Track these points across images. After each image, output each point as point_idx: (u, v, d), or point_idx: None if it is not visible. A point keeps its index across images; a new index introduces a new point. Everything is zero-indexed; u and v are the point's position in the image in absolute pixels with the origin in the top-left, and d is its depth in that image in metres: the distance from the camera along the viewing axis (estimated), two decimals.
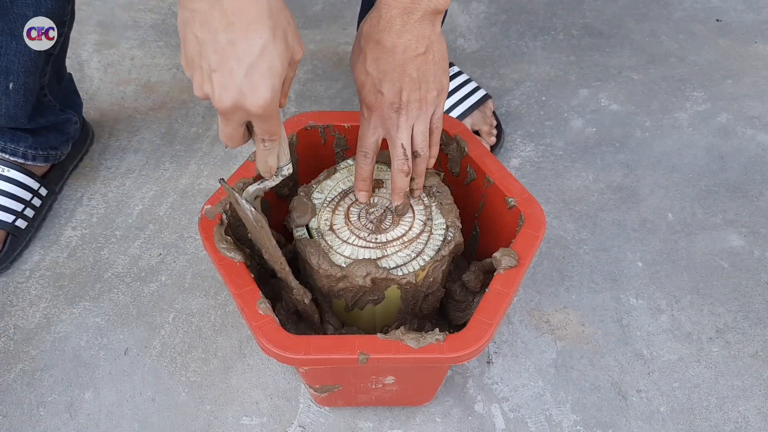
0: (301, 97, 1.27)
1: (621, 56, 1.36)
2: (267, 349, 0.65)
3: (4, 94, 0.88)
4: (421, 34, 0.66)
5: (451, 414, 0.85)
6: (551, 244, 1.03)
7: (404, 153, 0.70)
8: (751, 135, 1.20)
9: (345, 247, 0.72)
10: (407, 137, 0.70)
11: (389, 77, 0.67)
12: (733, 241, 1.04)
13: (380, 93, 0.68)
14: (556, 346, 0.92)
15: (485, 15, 1.45)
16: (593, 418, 0.85)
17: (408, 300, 0.74)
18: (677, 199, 1.10)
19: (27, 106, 0.92)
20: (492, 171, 0.79)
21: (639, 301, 0.96)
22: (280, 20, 0.54)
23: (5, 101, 0.89)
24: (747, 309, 0.96)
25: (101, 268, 1.00)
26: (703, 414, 0.85)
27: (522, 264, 0.70)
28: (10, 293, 0.97)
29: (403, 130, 0.70)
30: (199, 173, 1.13)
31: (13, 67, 0.86)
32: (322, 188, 0.78)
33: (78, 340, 0.92)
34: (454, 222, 0.74)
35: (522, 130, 1.20)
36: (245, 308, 0.67)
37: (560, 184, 1.12)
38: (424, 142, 0.71)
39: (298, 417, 0.85)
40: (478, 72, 1.31)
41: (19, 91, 0.89)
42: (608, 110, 1.25)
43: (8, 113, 0.92)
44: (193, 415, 0.85)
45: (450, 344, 0.64)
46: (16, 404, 0.86)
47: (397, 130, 0.70)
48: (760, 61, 1.35)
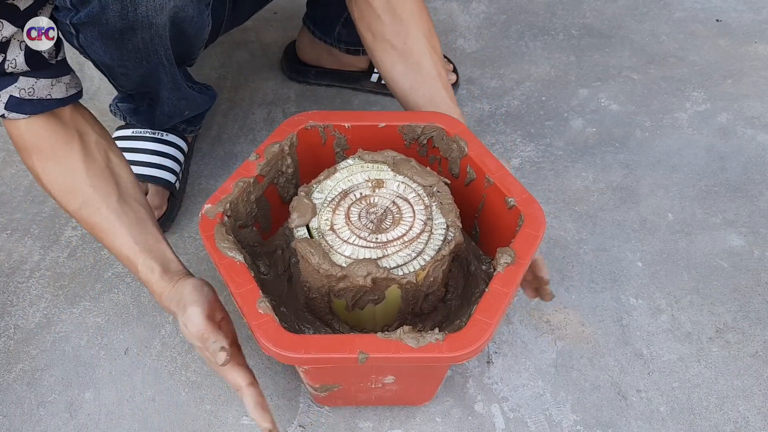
0: (301, 97, 1.27)
1: (621, 56, 1.36)
2: (267, 348, 0.65)
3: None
4: None
5: (451, 414, 0.85)
6: (551, 244, 1.03)
7: None
8: (751, 135, 1.20)
9: (345, 247, 0.72)
10: None
11: None
12: (733, 241, 1.04)
13: None
14: (556, 346, 0.92)
15: (485, 15, 1.45)
16: (593, 418, 0.85)
17: (408, 300, 0.74)
18: (677, 199, 1.10)
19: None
20: (492, 171, 0.79)
21: (639, 301, 0.96)
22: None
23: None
24: (747, 309, 0.96)
25: (101, 268, 1.00)
26: (703, 414, 0.85)
27: (522, 264, 0.70)
28: (10, 293, 0.97)
29: None
30: (199, 173, 1.13)
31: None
32: (322, 188, 0.78)
33: (78, 339, 0.92)
34: (455, 222, 0.74)
35: (522, 130, 1.20)
36: (245, 307, 0.67)
37: (560, 184, 1.12)
38: None
39: (298, 417, 0.85)
40: (478, 72, 1.31)
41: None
42: (608, 110, 1.25)
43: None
44: (193, 415, 0.85)
45: (450, 344, 0.64)
46: (16, 404, 0.86)
47: None
48: (760, 61, 1.35)
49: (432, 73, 0.88)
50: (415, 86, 0.88)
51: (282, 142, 0.81)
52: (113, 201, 0.78)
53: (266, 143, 0.81)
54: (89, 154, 0.79)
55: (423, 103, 0.88)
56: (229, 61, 1.33)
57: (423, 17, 0.89)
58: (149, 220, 0.80)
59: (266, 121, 1.22)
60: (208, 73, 1.30)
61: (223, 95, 1.25)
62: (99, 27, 0.75)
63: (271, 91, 1.28)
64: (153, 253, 0.77)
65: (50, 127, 0.78)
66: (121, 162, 0.83)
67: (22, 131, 0.78)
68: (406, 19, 0.88)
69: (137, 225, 0.78)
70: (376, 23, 0.89)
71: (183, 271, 0.77)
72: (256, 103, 1.25)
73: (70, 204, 0.79)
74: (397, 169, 0.78)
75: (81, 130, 0.80)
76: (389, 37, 0.89)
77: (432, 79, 0.88)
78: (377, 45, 0.90)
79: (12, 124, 0.78)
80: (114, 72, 0.85)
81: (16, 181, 1.11)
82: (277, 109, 1.24)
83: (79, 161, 0.78)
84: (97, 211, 0.78)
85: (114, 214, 0.78)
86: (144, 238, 0.78)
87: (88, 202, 0.78)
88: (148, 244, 0.78)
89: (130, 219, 0.78)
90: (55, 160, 0.78)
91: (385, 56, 0.90)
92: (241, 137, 1.19)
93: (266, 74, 1.31)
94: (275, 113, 1.23)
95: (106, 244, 0.80)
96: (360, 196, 0.77)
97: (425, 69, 0.88)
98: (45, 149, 0.78)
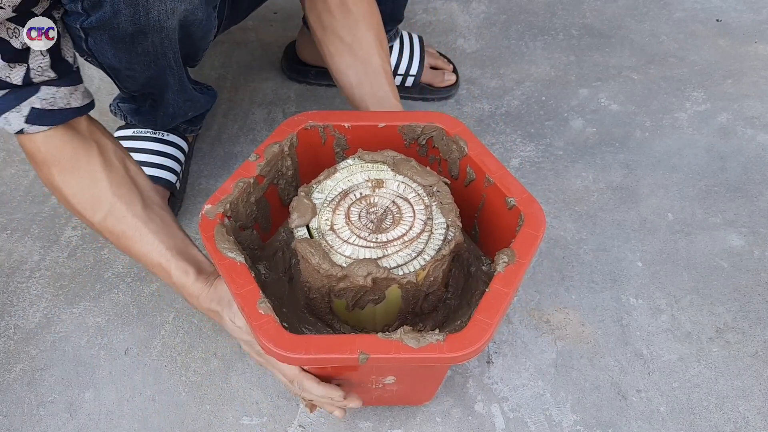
0: (301, 97, 1.27)
1: (621, 56, 1.36)
2: (267, 348, 0.65)
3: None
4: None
5: (451, 414, 0.85)
6: (551, 244, 1.03)
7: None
8: (751, 135, 1.20)
9: (346, 247, 0.72)
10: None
11: None
12: (733, 241, 1.04)
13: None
14: (556, 346, 0.92)
15: (485, 15, 1.45)
16: (593, 418, 0.85)
17: (409, 300, 0.74)
18: (677, 199, 1.10)
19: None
20: (492, 170, 0.78)
21: (639, 301, 0.96)
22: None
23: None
24: (747, 309, 0.96)
25: (101, 268, 1.00)
26: (703, 414, 0.85)
27: (522, 264, 0.70)
28: (10, 293, 0.97)
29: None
30: (199, 173, 1.13)
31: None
32: (322, 188, 0.78)
33: (78, 340, 0.92)
34: (455, 221, 0.74)
35: (522, 130, 1.20)
36: (246, 307, 0.67)
37: (560, 184, 1.12)
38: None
39: (298, 417, 0.85)
40: (478, 72, 1.31)
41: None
42: (608, 110, 1.25)
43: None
44: (193, 415, 0.85)
45: (450, 344, 0.64)
46: (16, 404, 0.86)
47: None
48: (760, 61, 1.35)
49: (378, 69, 0.90)
50: (360, 80, 0.91)
51: (282, 142, 0.81)
52: (138, 208, 0.78)
53: (266, 143, 0.80)
54: (109, 163, 0.79)
55: (368, 97, 0.90)
56: (229, 61, 1.33)
57: (373, 12, 0.92)
58: (174, 224, 0.81)
59: (266, 121, 1.22)
60: (208, 73, 1.30)
61: (223, 95, 1.25)
62: (110, 31, 0.75)
63: (271, 91, 1.28)
64: (184, 256, 0.78)
65: (68, 139, 0.77)
66: (138, 170, 0.83)
67: (40, 145, 0.77)
68: (356, 13, 0.91)
69: (164, 230, 0.79)
70: (326, 16, 0.91)
71: (215, 271, 0.78)
72: (256, 103, 1.25)
73: (94, 215, 0.79)
74: (397, 169, 0.78)
75: (98, 140, 0.80)
76: (339, 30, 0.91)
77: (378, 75, 0.90)
78: (327, 38, 0.92)
79: (28, 139, 0.76)
80: (120, 75, 0.86)
81: (16, 181, 1.11)
82: (277, 109, 1.24)
83: (100, 171, 0.78)
84: (123, 220, 0.78)
85: (140, 221, 0.78)
86: (173, 242, 0.78)
87: (113, 211, 0.78)
88: (178, 248, 0.78)
89: (157, 225, 0.79)
90: (75, 171, 0.78)
91: (333, 49, 0.92)
92: (241, 137, 1.19)
93: (266, 74, 1.31)
94: (275, 113, 1.23)
95: (135, 251, 0.79)
96: (360, 196, 0.77)
97: (372, 64, 0.90)
98: (64, 161, 0.78)
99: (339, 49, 0.92)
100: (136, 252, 0.79)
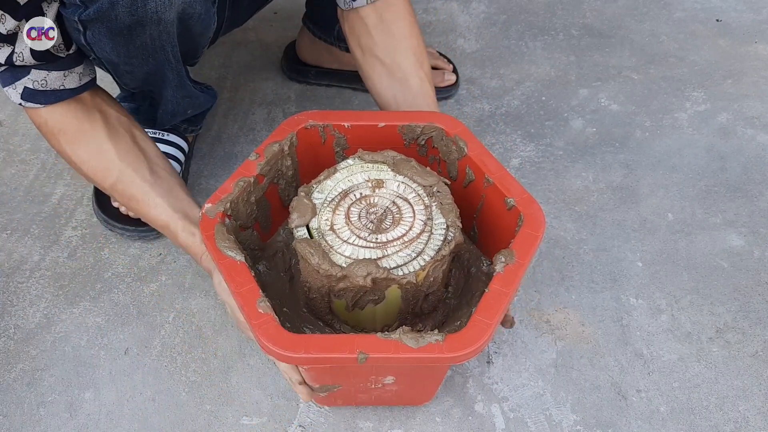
0: (301, 96, 1.27)
1: (621, 56, 1.36)
2: (267, 348, 0.65)
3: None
4: None
5: (451, 414, 0.85)
6: (551, 244, 1.03)
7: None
8: (751, 135, 1.20)
9: (345, 247, 0.72)
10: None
11: None
12: (733, 241, 1.04)
13: None
14: (556, 346, 0.92)
15: (485, 15, 1.45)
16: (593, 418, 0.85)
17: (408, 300, 0.74)
18: (677, 199, 1.10)
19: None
20: (491, 171, 0.78)
21: (639, 301, 0.96)
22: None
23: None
24: (747, 309, 0.96)
25: (101, 268, 1.00)
26: (703, 414, 0.85)
27: (521, 264, 0.70)
28: (10, 293, 0.97)
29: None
30: (199, 173, 1.13)
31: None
32: (322, 188, 0.78)
33: (78, 340, 0.92)
34: (455, 222, 0.74)
35: (522, 130, 1.20)
36: (245, 307, 0.67)
37: (560, 184, 1.12)
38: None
39: (298, 417, 0.85)
40: (478, 72, 1.31)
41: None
42: (608, 110, 1.25)
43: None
44: (193, 415, 0.85)
45: (449, 344, 0.64)
46: (16, 404, 0.86)
47: None
48: (760, 61, 1.35)
49: (417, 91, 0.89)
50: (399, 103, 0.90)
51: (282, 142, 0.81)
52: (146, 173, 0.83)
53: (266, 143, 0.81)
54: (114, 131, 0.84)
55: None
56: (229, 61, 1.33)
57: (414, 34, 0.91)
58: (181, 188, 0.86)
59: (266, 121, 1.22)
60: (208, 73, 1.30)
61: (223, 95, 1.25)
62: (107, 23, 0.75)
63: (271, 91, 1.28)
64: (190, 218, 0.82)
65: (72, 110, 0.81)
66: (144, 137, 0.87)
67: (46, 117, 0.81)
68: (396, 34, 0.90)
69: (171, 193, 0.84)
70: (366, 39, 0.91)
71: None
72: (256, 103, 1.25)
73: (105, 181, 0.84)
74: (397, 169, 0.78)
75: (102, 110, 0.84)
76: (378, 52, 0.90)
77: (417, 97, 0.89)
78: (366, 60, 0.92)
79: (34, 112, 0.81)
80: (119, 70, 0.86)
81: (16, 181, 1.11)
82: (277, 109, 1.24)
83: (105, 140, 0.83)
84: (132, 184, 0.83)
85: (148, 185, 0.83)
86: (180, 205, 0.83)
87: (122, 176, 0.83)
88: (185, 211, 0.83)
89: (164, 188, 0.84)
90: (82, 141, 0.82)
91: (372, 71, 0.92)
92: (241, 137, 1.19)
93: (266, 74, 1.31)
94: (275, 113, 1.23)
95: (143, 214, 0.85)
96: (360, 196, 0.77)
97: (412, 86, 0.90)
98: (70, 132, 0.82)
99: (377, 71, 0.91)
100: (145, 214, 0.85)
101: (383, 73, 0.91)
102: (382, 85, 0.91)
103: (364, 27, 0.90)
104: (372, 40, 0.90)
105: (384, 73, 0.91)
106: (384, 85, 0.91)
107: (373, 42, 0.90)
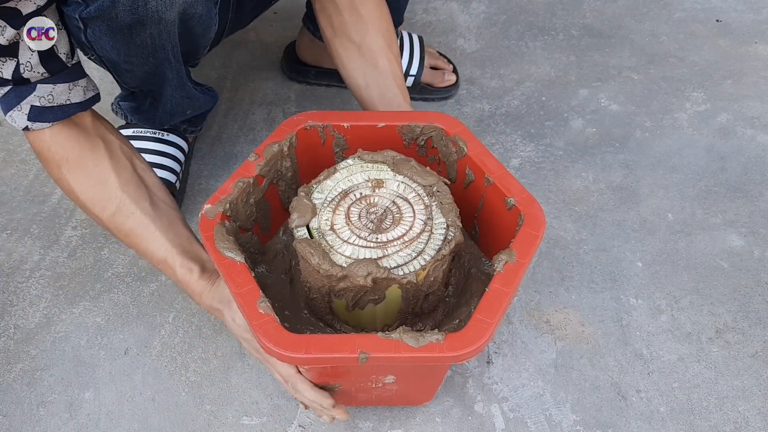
0: (300, 97, 1.27)
1: (621, 56, 1.36)
2: (268, 348, 0.65)
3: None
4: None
5: (451, 414, 0.85)
6: (551, 244, 1.03)
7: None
8: (751, 135, 1.20)
9: (346, 247, 0.72)
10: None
11: None
12: (733, 241, 1.04)
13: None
14: (556, 346, 0.92)
15: (485, 15, 1.45)
16: (593, 418, 0.85)
17: (409, 299, 0.74)
18: (677, 199, 1.10)
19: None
20: (491, 170, 0.78)
21: (639, 301, 0.96)
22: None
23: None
24: (747, 309, 0.96)
25: (101, 268, 1.00)
26: (703, 414, 0.85)
27: (522, 263, 0.70)
28: (10, 293, 0.97)
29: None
30: (199, 173, 1.13)
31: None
32: (322, 188, 0.78)
33: (78, 339, 0.92)
34: (455, 221, 0.74)
35: (522, 130, 1.20)
36: (245, 307, 0.67)
37: (560, 184, 1.12)
38: None
39: (298, 417, 0.85)
40: (478, 72, 1.31)
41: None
42: (608, 110, 1.25)
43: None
44: (193, 415, 0.85)
45: (450, 343, 0.64)
46: (16, 404, 0.86)
47: None
48: (760, 61, 1.35)
49: (386, 71, 0.91)
50: (368, 82, 0.92)
51: (281, 142, 0.81)
52: (146, 205, 0.80)
53: (265, 143, 0.81)
54: (117, 160, 0.81)
55: (376, 99, 0.91)
56: (229, 61, 1.33)
57: (383, 15, 0.93)
58: (180, 222, 0.83)
59: (266, 121, 1.22)
60: (208, 73, 1.30)
61: (223, 95, 1.25)
62: (108, 21, 0.75)
63: (271, 91, 1.28)
64: (189, 254, 0.80)
65: (75, 136, 0.79)
66: (146, 167, 0.85)
67: (48, 143, 0.78)
68: (365, 15, 0.91)
69: (171, 228, 0.81)
70: (336, 18, 0.92)
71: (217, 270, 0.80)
72: (256, 103, 1.25)
73: (103, 212, 0.81)
74: (397, 169, 0.78)
75: (104, 137, 0.82)
76: (349, 32, 0.92)
77: (386, 77, 0.91)
78: (336, 39, 0.93)
79: (37, 138, 0.78)
80: (119, 68, 0.86)
81: (16, 181, 1.11)
82: (277, 109, 1.24)
83: (108, 168, 0.80)
84: (131, 216, 0.80)
85: (148, 218, 0.80)
86: (179, 240, 0.80)
87: (121, 208, 0.80)
88: (184, 246, 0.80)
89: (164, 222, 0.81)
90: (83, 169, 0.80)
91: (342, 50, 0.93)
92: (241, 137, 1.19)
93: (266, 74, 1.31)
94: (275, 113, 1.23)
95: (141, 248, 0.81)
96: (360, 196, 0.77)
97: (380, 66, 0.91)
98: (72, 159, 0.79)
99: (348, 50, 0.93)
100: (143, 249, 0.81)
101: (354, 52, 0.92)
102: (352, 64, 0.93)
103: (335, 7, 0.92)
104: (342, 19, 0.92)
105: (354, 52, 0.92)
106: (354, 64, 0.93)
107: (344, 21, 0.92)
